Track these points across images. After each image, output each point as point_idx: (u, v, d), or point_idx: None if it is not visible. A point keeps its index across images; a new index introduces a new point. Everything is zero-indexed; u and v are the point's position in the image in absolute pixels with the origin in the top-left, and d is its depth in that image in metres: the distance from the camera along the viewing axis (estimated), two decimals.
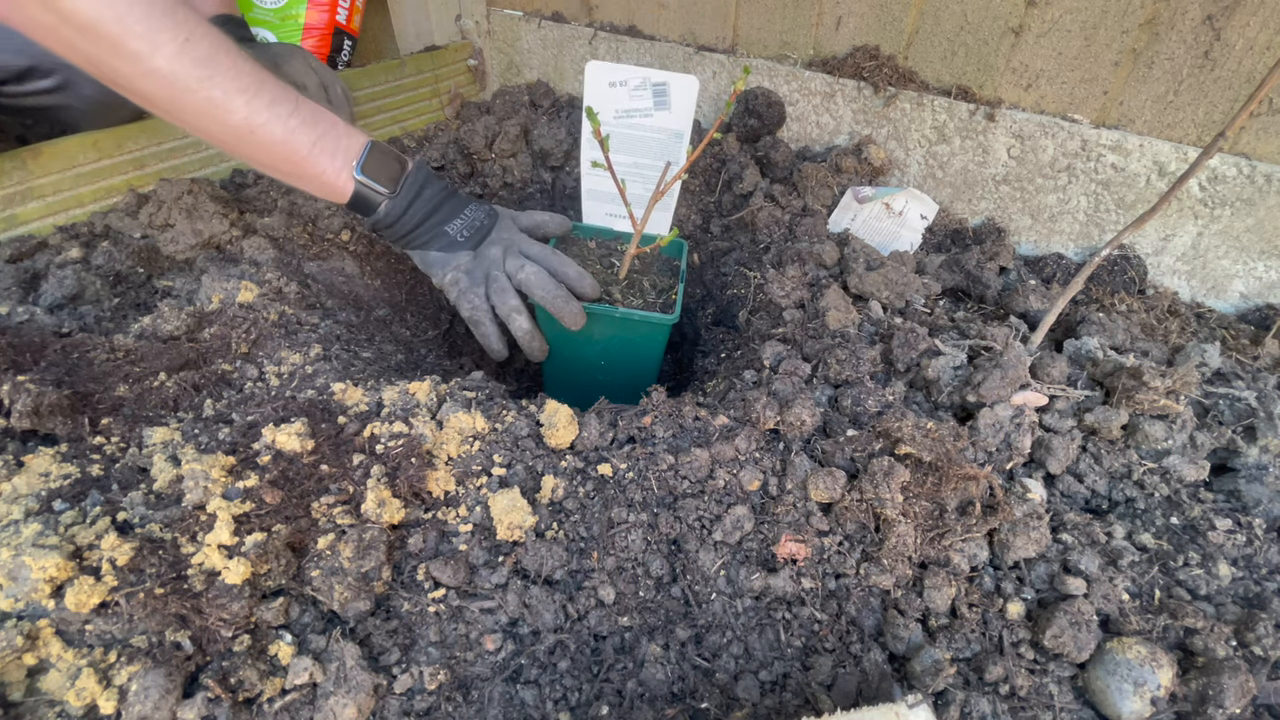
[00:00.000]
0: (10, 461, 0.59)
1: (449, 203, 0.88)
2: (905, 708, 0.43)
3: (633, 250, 0.91)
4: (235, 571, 0.50)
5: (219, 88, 0.67)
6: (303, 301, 0.88)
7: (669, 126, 0.95)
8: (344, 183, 0.78)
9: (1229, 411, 0.71)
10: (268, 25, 1.45)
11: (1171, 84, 0.86)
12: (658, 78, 0.92)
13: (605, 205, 1.06)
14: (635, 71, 0.92)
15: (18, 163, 0.89)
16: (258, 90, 0.69)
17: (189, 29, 0.64)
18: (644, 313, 0.90)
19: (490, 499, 0.61)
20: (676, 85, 0.92)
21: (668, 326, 0.92)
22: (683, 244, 1.03)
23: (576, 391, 1.09)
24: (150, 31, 0.62)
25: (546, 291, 0.84)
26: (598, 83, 0.93)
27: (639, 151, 0.98)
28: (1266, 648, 0.53)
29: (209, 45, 0.66)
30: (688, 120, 0.94)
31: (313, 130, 0.74)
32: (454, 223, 0.88)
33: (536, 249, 0.90)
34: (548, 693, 0.54)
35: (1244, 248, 0.87)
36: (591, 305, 0.89)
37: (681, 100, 0.93)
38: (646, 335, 0.96)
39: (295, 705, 0.49)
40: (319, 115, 0.76)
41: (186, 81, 0.65)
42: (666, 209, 1.03)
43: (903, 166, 1.10)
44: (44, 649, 0.48)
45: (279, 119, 0.71)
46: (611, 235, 1.06)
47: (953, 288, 0.96)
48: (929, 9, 0.99)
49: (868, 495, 0.60)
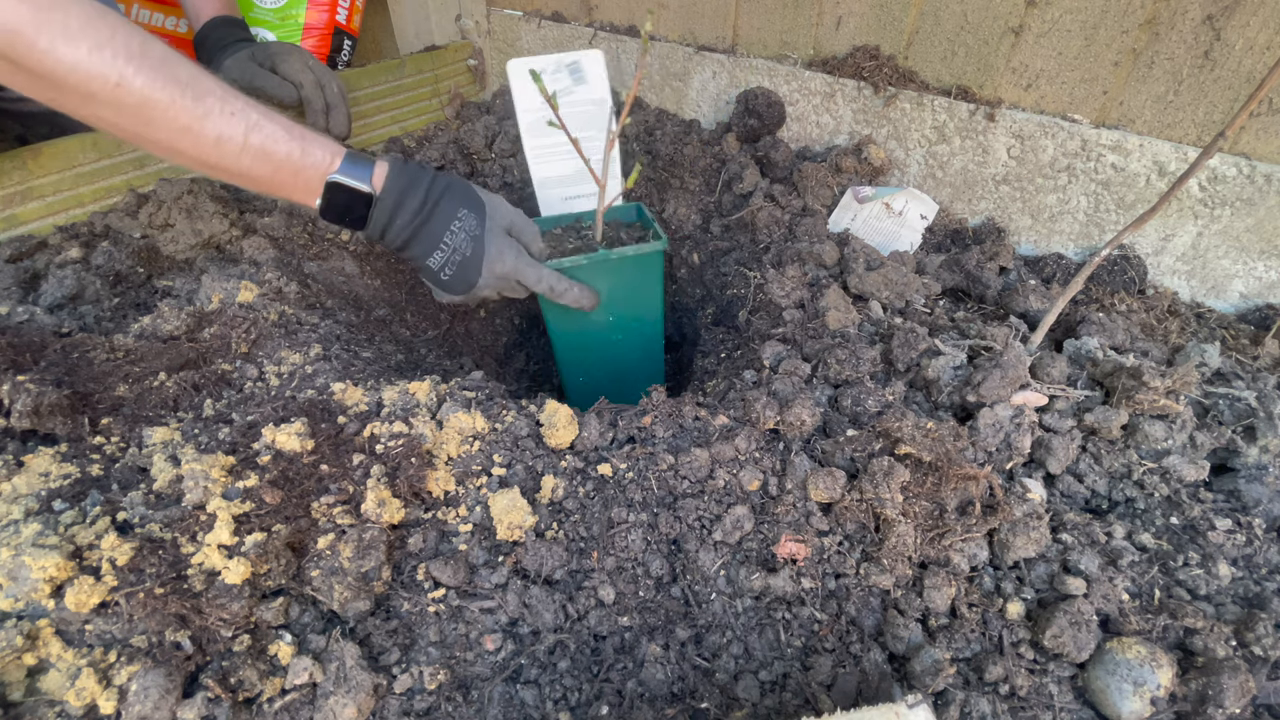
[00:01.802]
0: (10, 461, 0.59)
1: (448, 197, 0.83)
2: (905, 708, 0.43)
3: (601, 207, 0.92)
4: (235, 571, 0.50)
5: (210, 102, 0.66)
6: (303, 301, 0.88)
7: (590, 97, 1.02)
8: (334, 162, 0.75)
9: (1229, 411, 0.71)
10: (268, 25, 1.45)
11: (1171, 84, 0.86)
12: (569, 59, 1.00)
13: (559, 190, 1.09)
14: (549, 58, 0.99)
15: (18, 163, 0.89)
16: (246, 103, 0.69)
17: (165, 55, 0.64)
18: (637, 246, 0.94)
19: (490, 499, 0.61)
20: (586, 60, 1.00)
21: (660, 253, 0.95)
22: (639, 205, 1.06)
23: (590, 356, 1.11)
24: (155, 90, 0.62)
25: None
26: (521, 77, 0.99)
27: (573, 127, 1.01)
28: (1266, 648, 0.53)
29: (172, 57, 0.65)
30: (605, 88, 1.02)
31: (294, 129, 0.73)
32: (454, 225, 0.83)
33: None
34: (548, 693, 0.54)
35: (1244, 248, 0.87)
36: (588, 256, 0.92)
37: (594, 73, 1.00)
38: (646, 270, 0.98)
39: (295, 705, 0.49)
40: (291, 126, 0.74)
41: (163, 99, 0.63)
42: (615, 176, 1.06)
43: (903, 166, 1.10)
44: (44, 649, 0.48)
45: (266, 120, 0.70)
46: (573, 219, 1.07)
47: (953, 288, 0.96)
48: (929, 9, 0.99)
49: (868, 495, 0.60)
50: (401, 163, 0.79)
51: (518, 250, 0.85)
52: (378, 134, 1.29)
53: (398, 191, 0.77)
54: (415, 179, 0.79)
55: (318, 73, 1.06)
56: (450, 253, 0.81)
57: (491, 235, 0.83)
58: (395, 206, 0.77)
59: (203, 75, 0.66)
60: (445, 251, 0.80)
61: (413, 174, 0.79)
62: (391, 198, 0.77)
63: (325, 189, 0.74)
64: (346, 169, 0.75)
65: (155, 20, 1.47)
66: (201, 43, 1.11)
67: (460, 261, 0.81)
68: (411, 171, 0.79)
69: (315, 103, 1.05)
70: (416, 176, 0.79)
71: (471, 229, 0.81)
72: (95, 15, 0.59)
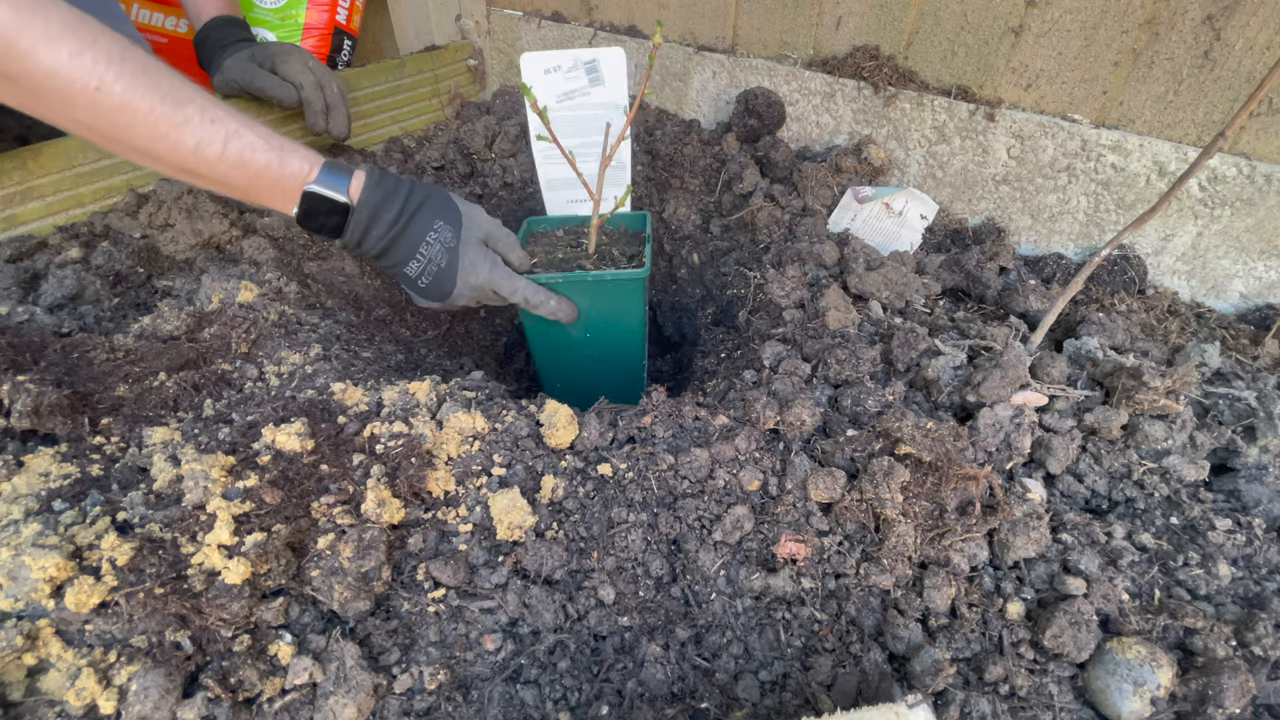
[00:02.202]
0: (10, 461, 0.59)
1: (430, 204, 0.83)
2: (905, 708, 0.43)
3: (596, 221, 0.92)
4: (235, 571, 0.50)
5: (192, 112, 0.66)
6: (303, 301, 0.88)
7: (607, 100, 0.98)
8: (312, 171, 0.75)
9: (1229, 411, 0.71)
10: (268, 25, 1.45)
11: (1171, 84, 0.86)
12: (587, 56, 0.95)
13: (565, 193, 1.08)
14: (566, 55, 0.95)
15: (18, 163, 0.89)
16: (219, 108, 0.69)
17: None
18: (615, 271, 0.92)
19: (490, 499, 0.61)
20: (605, 60, 0.95)
21: (641, 280, 0.94)
22: (645, 215, 1.05)
23: (566, 371, 1.10)
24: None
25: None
26: (534, 72, 0.96)
27: (585, 130, 1.00)
28: (1266, 648, 0.53)
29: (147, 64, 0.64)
30: (623, 91, 0.97)
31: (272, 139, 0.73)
32: (431, 236, 0.83)
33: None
34: (547, 693, 0.54)
35: (1244, 248, 0.87)
36: (564, 274, 0.91)
37: (613, 73, 0.96)
38: (625, 296, 0.97)
39: (295, 705, 0.49)
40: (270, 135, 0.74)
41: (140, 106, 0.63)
42: (621, 183, 1.04)
43: (903, 166, 1.10)
44: (44, 649, 0.48)
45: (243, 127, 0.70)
46: (577, 221, 1.07)
47: (953, 288, 0.96)
48: (929, 9, 0.99)
49: (867, 495, 0.60)
50: (379, 174, 0.80)
51: (493, 262, 0.85)
52: (378, 134, 1.29)
53: (374, 204, 0.78)
54: (392, 190, 0.80)
55: (318, 73, 1.06)
56: (426, 263, 0.82)
57: (466, 246, 0.83)
58: (371, 218, 0.78)
59: (184, 84, 0.66)
60: (421, 262, 0.81)
61: (390, 186, 0.80)
62: (368, 209, 0.78)
63: (302, 198, 0.75)
64: (324, 179, 0.76)
65: (155, 20, 1.47)
66: (202, 42, 1.11)
67: (436, 272, 0.82)
68: (389, 183, 0.80)
69: (315, 103, 1.05)
70: (394, 188, 0.80)
71: (446, 240, 0.82)
72: (76, 21, 0.59)
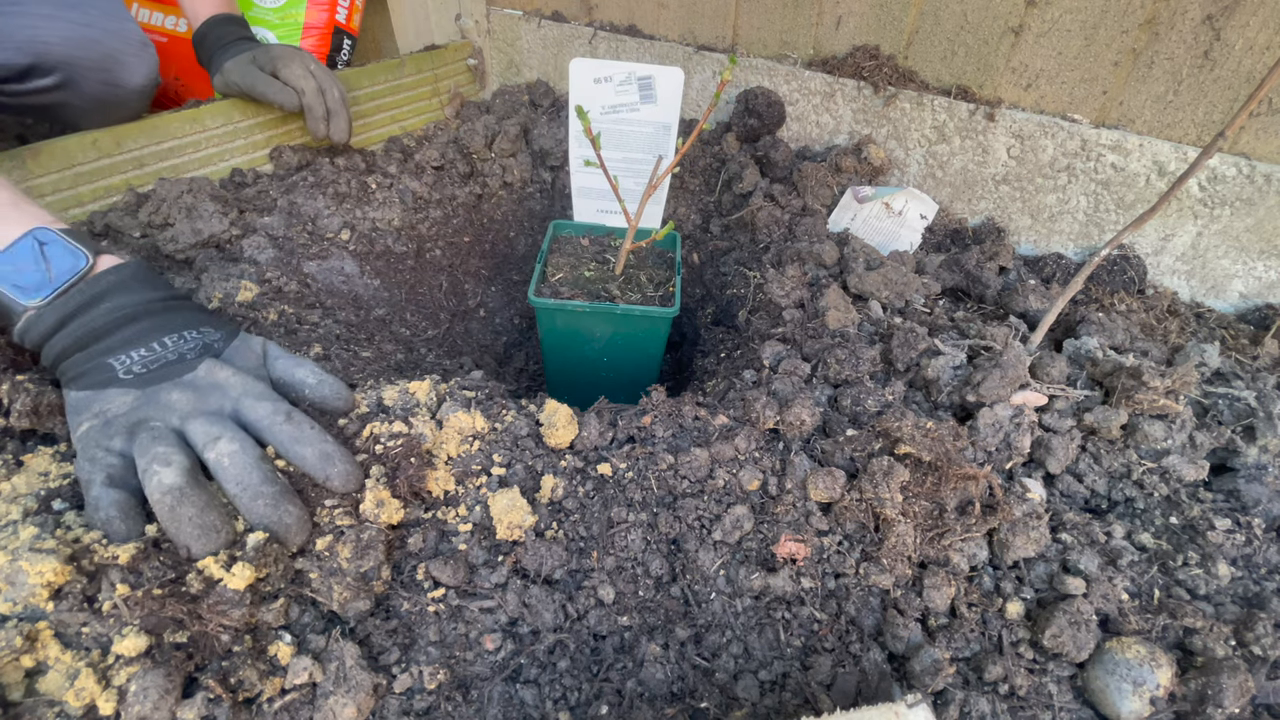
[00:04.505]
0: (9, 461, 0.59)
1: (147, 323, 0.61)
2: (905, 707, 0.43)
3: (628, 246, 0.91)
4: (239, 577, 0.50)
5: None
6: (302, 301, 0.88)
7: (656, 119, 0.96)
8: None
9: (1228, 411, 0.71)
10: (267, 25, 1.45)
11: (1171, 84, 0.86)
12: (643, 71, 0.92)
13: (596, 202, 1.07)
14: (620, 66, 0.92)
15: (17, 162, 0.89)
16: None
17: None
18: (644, 308, 0.91)
19: (490, 499, 0.61)
20: (662, 78, 0.92)
21: (668, 319, 0.93)
22: (676, 235, 1.03)
23: (579, 389, 1.09)
24: None
25: (242, 486, 0.53)
26: (583, 79, 0.93)
27: (628, 146, 0.98)
28: (1266, 647, 0.53)
29: None
30: (675, 112, 0.95)
31: None
32: (133, 352, 0.59)
33: (266, 409, 0.58)
34: (547, 692, 0.54)
35: (1244, 248, 0.87)
36: (592, 304, 0.89)
37: (667, 93, 0.93)
38: (648, 330, 0.96)
39: (295, 705, 0.49)
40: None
41: None
42: (658, 202, 1.04)
43: (902, 166, 1.10)
44: (42, 650, 0.48)
45: None
46: (604, 231, 1.06)
47: (952, 287, 0.96)
48: (929, 8, 0.99)
49: (867, 495, 0.60)
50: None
51: (257, 389, 0.61)
52: (377, 134, 1.29)
53: (116, 280, 0.63)
54: (138, 283, 0.64)
55: (320, 78, 1.05)
56: (162, 353, 0.62)
57: (247, 350, 0.66)
58: (119, 285, 0.63)
59: None
60: (155, 352, 0.61)
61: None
62: (126, 273, 0.64)
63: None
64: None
65: (155, 20, 1.47)
66: (201, 41, 1.11)
67: (167, 363, 0.61)
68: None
69: (316, 110, 1.05)
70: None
71: (223, 338, 0.66)
72: None
